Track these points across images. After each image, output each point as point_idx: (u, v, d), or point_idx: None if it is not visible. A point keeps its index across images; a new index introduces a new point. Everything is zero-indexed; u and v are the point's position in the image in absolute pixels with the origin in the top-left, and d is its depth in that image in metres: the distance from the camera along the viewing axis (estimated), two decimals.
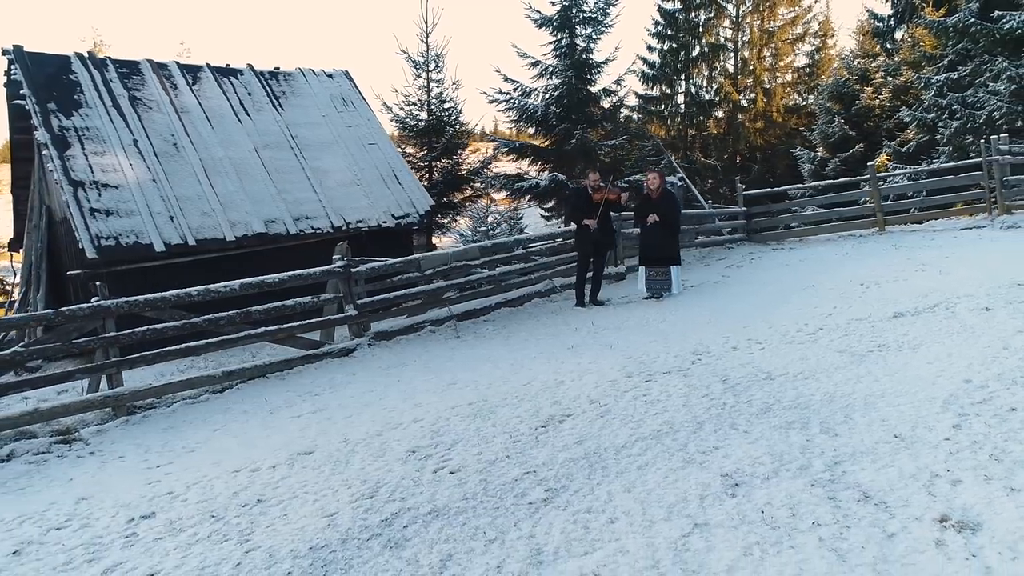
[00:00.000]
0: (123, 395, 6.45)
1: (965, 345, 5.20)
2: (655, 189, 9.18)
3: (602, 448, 4.13)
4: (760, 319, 6.92)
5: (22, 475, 5.19)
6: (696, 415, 4.46)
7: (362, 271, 8.31)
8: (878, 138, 25.67)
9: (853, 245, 12.34)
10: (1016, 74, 17.99)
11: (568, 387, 5.27)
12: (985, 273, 7.53)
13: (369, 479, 4.03)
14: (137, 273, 9.75)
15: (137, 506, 4.04)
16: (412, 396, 5.73)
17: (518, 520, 3.50)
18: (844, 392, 4.59)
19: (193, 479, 4.36)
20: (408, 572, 3.16)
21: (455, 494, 3.78)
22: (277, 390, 6.86)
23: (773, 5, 28.02)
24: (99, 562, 3.44)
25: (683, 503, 3.46)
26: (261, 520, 3.71)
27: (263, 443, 5.02)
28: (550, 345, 7.10)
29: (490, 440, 4.41)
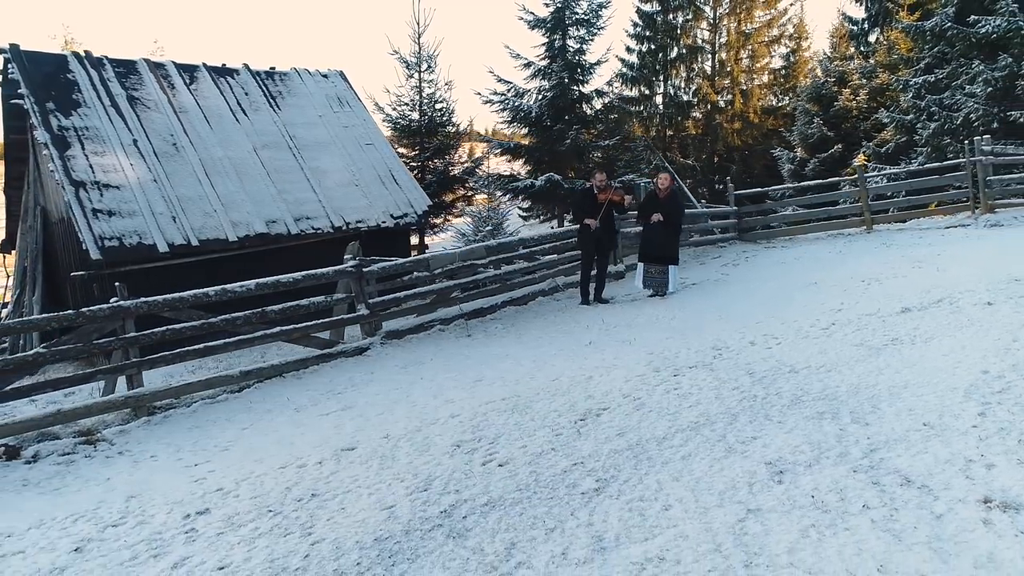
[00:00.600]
0: (144, 395, 6.45)
1: (975, 338, 5.43)
2: (664, 189, 9.37)
3: (644, 440, 4.27)
4: (770, 315, 7.12)
5: (54, 475, 5.19)
6: (729, 407, 4.62)
7: (374, 270, 8.37)
8: (856, 139, 26.23)
9: (844, 243, 12.65)
10: (992, 77, 18.51)
11: (598, 382, 5.40)
12: (981, 270, 7.81)
13: (420, 473, 4.12)
14: (140, 274, 9.68)
15: (190, 503, 4.08)
16: (441, 393, 5.82)
17: (574, 509, 3.61)
18: (868, 384, 4.78)
19: (240, 476, 4.41)
20: (475, 560, 3.26)
21: (508, 485, 3.88)
22: (297, 389, 6.90)
23: (750, 8, 28.50)
24: (165, 557, 3.49)
25: (732, 490, 3.60)
26: (320, 513, 3.78)
27: (301, 440, 5.08)
28: (567, 342, 7.23)
29: (532, 434, 4.53)
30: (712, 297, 8.86)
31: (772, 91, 30.99)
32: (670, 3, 25.51)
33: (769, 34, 29.85)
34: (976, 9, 19.97)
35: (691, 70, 28.18)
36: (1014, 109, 17.96)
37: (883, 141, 24.33)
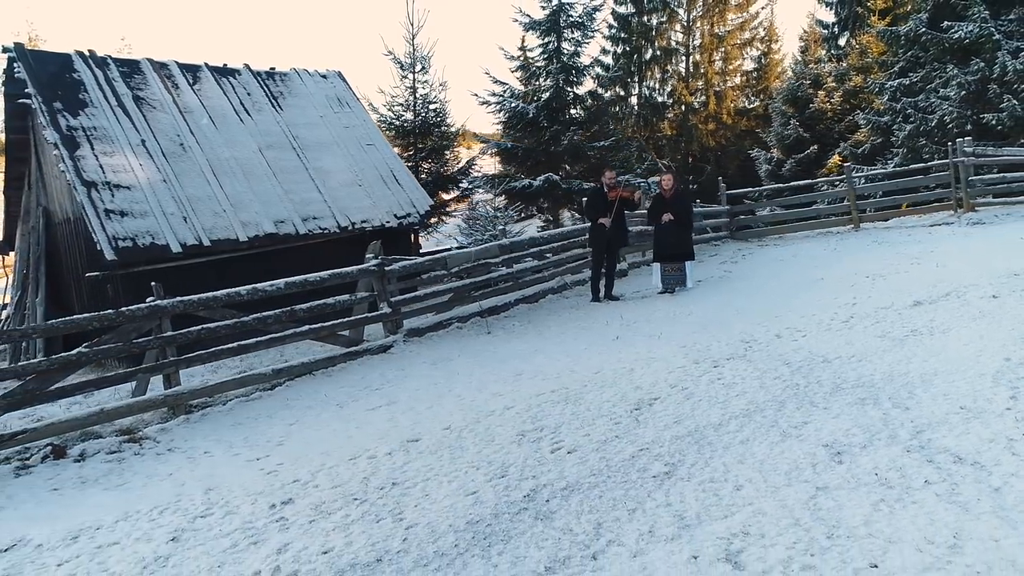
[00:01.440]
0: (182, 394, 6.51)
1: (991, 329, 5.77)
2: (668, 189, 9.65)
3: (701, 426, 4.50)
4: (787, 310, 7.42)
5: (109, 472, 5.25)
6: (775, 395, 4.88)
7: (395, 269, 8.50)
8: (831, 140, 26.95)
9: (836, 241, 13.09)
10: (965, 81, 19.19)
11: (640, 374, 5.63)
12: (979, 265, 8.22)
13: (493, 461, 4.30)
14: (152, 275, 9.62)
15: (271, 493, 4.20)
16: (484, 387, 5.99)
17: (650, 491, 3.82)
18: (900, 372, 5.08)
19: (313, 468, 4.53)
20: (567, 540, 3.45)
21: (582, 471, 4.08)
22: (330, 386, 7.01)
23: (723, 11, 29.07)
24: (265, 544, 3.62)
25: (797, 471, 3.84)
26: (406, 500, 3.94)
27: (359, 434, 5.21)
28: (592, 337, 7.45)
29: (591, 423, 4.73)
30: (722, 294, 9.15)
31: (744, 93, 31.65)
32: (644, 5, 25.91)
33: (741, 37, 30.49)
34: (949, 15, 20.68)
35: (665, 72, 28.66)
36: (987, 112, 18.66)
37: (859, 142, 25.02)
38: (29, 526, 4.11)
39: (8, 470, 5.38)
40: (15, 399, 5.58)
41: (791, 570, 3.01)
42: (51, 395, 5.82)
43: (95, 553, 3.68)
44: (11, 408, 5.62)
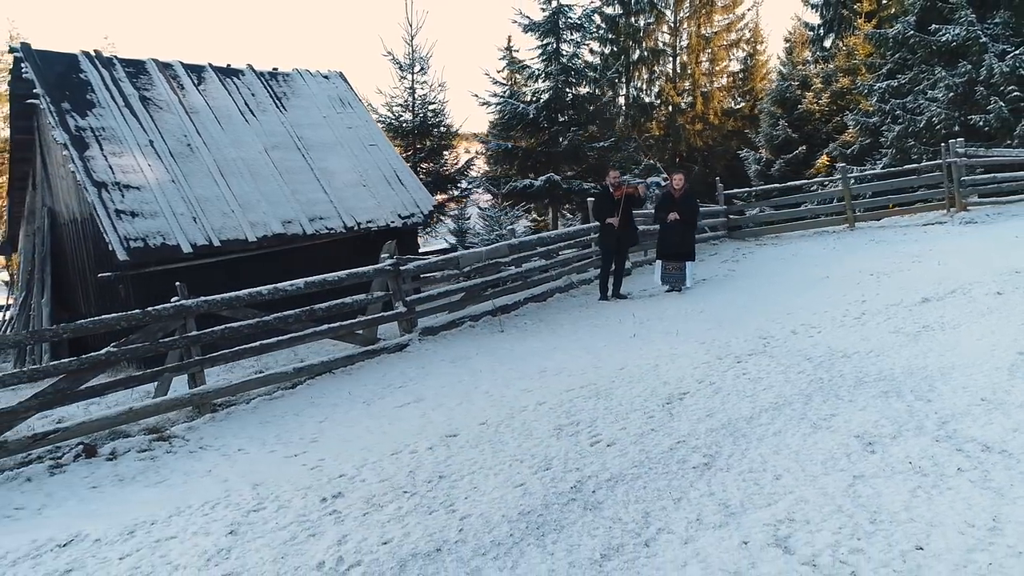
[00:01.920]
0: (207, 393, 6.57)
1: (1000, 324, 5.98)
2: (678, 189, 9.83)
3: (733, 419, 4.65)
4: (798, 307, 7.60)
5: (146, 470, 5.32)
6: (801, 389, 5.04)
7: (410, 268, 8.59)
8: (818, 140, 27.34)
9: (833, 240, 13.34)
10: (953, 83, 19.56)
11: (666, 369, 5.77)
12: (979, 263, 8.45)
13: (536, 454, 4.42)
14: (163, 275, 9.68)
15: (319, 488, 4.29)
16: (510, 383, 6.11)
17: (692, 481, 3.96)
18: (918, 366, 5.26)
19: (356, 463, 4.63)
20: (618, 528, 3.58)
21: (623, 463, 4.21)
22: (352, 384, 7.10)
23: (710, 12, 29.40)
24: (323, 536, 3.71)
25: (832, 460, 4.00)
26: (455, 493, 4.05)
27: (394, 430, 5.31)
28: (609, 335, 7.59)
29: (625, 416, 4.87)
30: (730, 292, 9.33)
31: (731, 94, 32.04)
32: (632, 6, 26.13)
33: (728, 38, 30.86)
34: (936, 18, 21.07)
35: (653, 72, 28.92)
36: (974, 114, 19.05)
37: (847, 143, 25.40)
38: (81, 522, 4.18)
39: (42, 469, 5.41)
40: (47, 398, 5.62)
41: (840, 553, 3.16)
42: (81, 395, 5.87)
43: (155, 546, 3.75)
44: (43, 407, 5.66)
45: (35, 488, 5.10)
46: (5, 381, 5.38)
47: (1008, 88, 18.49)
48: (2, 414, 5.31)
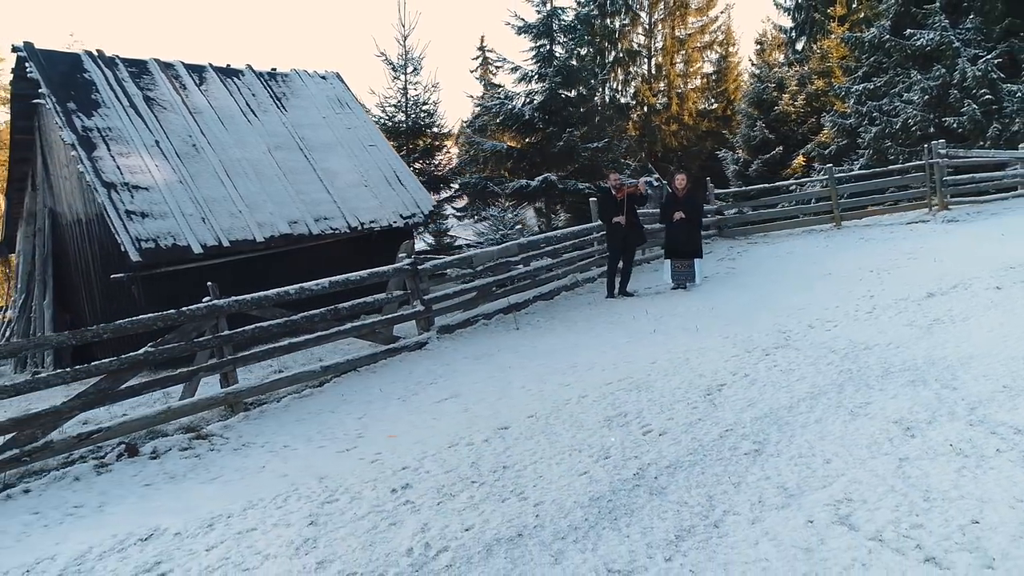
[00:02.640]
0: (241, 392, 6.64)
1: (1007, 316, 6.31)
2: (681, 189, 10.10)
3: (775, 409, 4.88)
4: (808, 303, 7.89)
5: (195, 467, 5.38)
6: (832, 379, 5.30)
7: (427, 268, 8.71)
8: (795, 141, 28.01)
9: (824, 239, 13.73)
10: (928, 86, 20.23)
11: (697, 363, 6.00)
12: (973, 259, 8.84)
13: (592, 444, 4.60)
14: (171, 276, 9.67)
15: (385, 480, 4.42)
16: (545, 378, 6.28)
17: (746, 467, 4.18)
18: (938, 356, 5.56)
19: (415, 455, 4.76)
20: (685, 511, 3.78)
21: (678, 450, 4.42)
22: (380, 381, 7.20)
23: (684, 14, 29.93)
24: (403, 524, 3.85)
25: (876, 445, 4.25)
26: (522, 481, 4.21)
27: (441, 424, 5.45)
28: (628, 331, 7.80)
29: (670, 407, 5.07)
30: (735, 289, 9.61)
31: (704, 95, 32.66)
32: (607, 8, 26.48)
33: (702, 40, 31.44)
34: (910, 23, 21.75)
35: (628, 73, 29.32)
36: (948, 116, 19.71)
37: (824, 143, 26.06)
38: (153, 517, 4.26)
39: (88, 468, 5.45)
40: (90, 398, 5.65)
41: (901, 528, 3.39)
42: (121, 394, 5.90)
43: (239, 538, 3.85)
44: (86, 407, 5.69)
45: (85, 487, 5.15)
46: (50, 381, 5.40)
47: (980, 91, 19.17)
48: (48, 414, 5.33)
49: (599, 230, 11.82)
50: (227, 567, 3.57)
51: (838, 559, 3.23)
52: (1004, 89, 18.65)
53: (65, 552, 3.84)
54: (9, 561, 3.82)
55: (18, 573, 3.67)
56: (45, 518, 4.55)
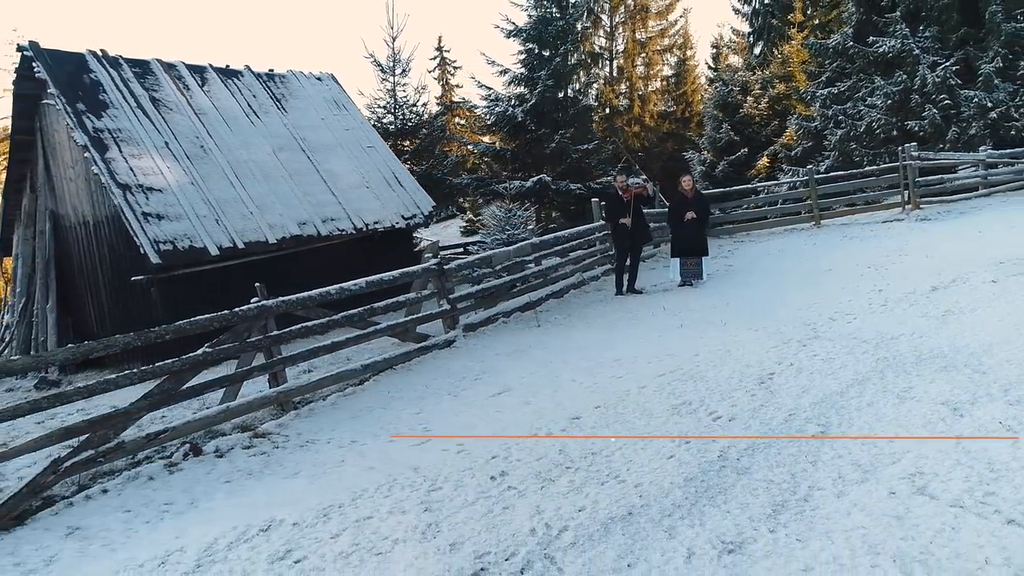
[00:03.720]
0: (291, 391, 6.75)
1: (1011, 307, 6.83)
2: (689, 191, 10.52)
3: (828, 395, 5.26)
4: (820, 297, 8.34)
5: (267, 464, 5.50)
6: (871, 366, 5.71)
7: (452, 268, 8.91)
8: (759, 143, 28.99)
9: (807, 237, 14.36)
10: (890, 91, 21.21)
11: (740, 354, 6.36)
12: (962, 255, 9.43)
13: (668, 430, 4.90)
14: (187, 278, 9.63)
15: (481, 469, 4.64)
16: (593, 372, 6.56)
17: (817, 447, 4.53)
18: (961, 344, 6.02)
19: (500, 445, 4.98)
20: (774, 487, 4.10)
21: (751, 434, 4.75)
22: (420, 379, 7.38)
23: (644, 18, 30.67)
24: (515, 507, 4.08)
25: (931, 424, 4.64)
26: (614, 465, 4.48)
27: (507, 416, 5.67)
28: (653, 326, 8.14)
29: (729, 395, 5.41)
30: (742, 286, 10.04)
31: (664, 97, 33.50)
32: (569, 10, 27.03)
33: (662, 43, 32.25)
34: (871, 31, 22.77)
35: (590, 75, 29.96)
36: (910, 119, 20.72)
37: (789, 145, 27.03)
38: (261, 511, 4.39)
39: (158, 468, 5.52)
40: (155, 399, 5.70)
41: (977, 496, 3.78)
42: (184, 394, 5.96)
43: (359, 525, 4.03)
44: (153, 408, 5.74)
45: (163, 485, 5.22)
46: (120, 383, 5.44)
47: (939, 97, 20.20)
48: (119, 415, 5.38)
49: (601, 229, 12.18)
50: (360, 552, 3.75)
51: (928, 524, 3.59)
52: (962, 95, 19.70)
53: (191, 544, 3.96)
54: (138, 554, 3.92)
55: (154, 564, 3.78)
56: (141, 516, 4.63)
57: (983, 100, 19.35)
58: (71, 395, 5.14)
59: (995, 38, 19.92)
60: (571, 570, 3.47)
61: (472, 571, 3.48)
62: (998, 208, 14.33)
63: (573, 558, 3.57)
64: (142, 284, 9.24)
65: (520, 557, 3.58)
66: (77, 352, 5.21)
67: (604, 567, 3.47)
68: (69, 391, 5.15)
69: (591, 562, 3.52)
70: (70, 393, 5.15)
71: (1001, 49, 19.69)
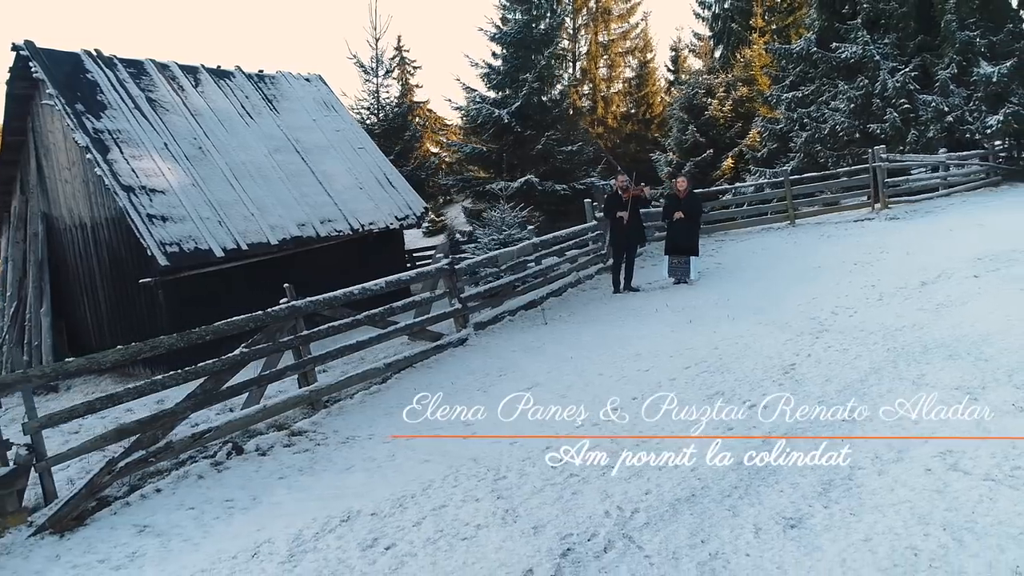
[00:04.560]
0: (321, 390, 6.87)
1: (997, 300, 7.31)
2: (682, 191, 10.90)
3: (849, 383, 5.61)
4: (817, 293, 8.74)
5: (315, 461, 5.63)
6: (883, 356, 6.10)
7: (463, 267, 9.09)
8: (723, 144, 29.85)
9: (786, 236, 14.93)
10: (853, 95, 22.09)
11: (758, 347, 6.70)
12: (941, 253, 9.97)
13: (709, 419, 5.20)
14: (190, 280, 9.59)
15: (538, 457, 4.86)
16: (617, 365, 6.83)
17: (849, 430, 4.88)
18: (960, 335, 6.46)
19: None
20: (819, 469, 4.44)
21: (788, 420, 5.08)
22: (444, 376, 7.56)
23: (607, 20, 31.29)
24: (583, 494, 4.30)
25: (950, 407, 4.99)
26: (676, 443, 4.76)
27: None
28: (662, 322, 8.45)
29: (759, 384, 5.74)
30: (735, 283, 10.43)
31: (626, 99, 34.20)
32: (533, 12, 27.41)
33: (624, 46, 32.95)
34: (833, 37, 23.67)
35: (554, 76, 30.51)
36: (872, 122, 21.62)
37: (753, 147, 27.90)
38: (331, 504, 4.53)
39: (205, 467, 5.59)
40: (198, 399, 5.76)
41: (1005, 469, 4.16)
42: (224, 394, 6.03)
43: (438, 513, 4.22)
44: (196, 408, 5.80)
45: (216, 483, 5.31)
46: (166, 383, 5.50)
47: (899, 101, 21.13)
48: (167, 416, 5.44)
49: (594, 229, 12.50)
50: (446, 537, 3.94)
51: (967, 496, 3.95)
52: (920, 99, 20.66)
53: (277, 536, 4.09)
54: (227, 547, 4.03)
55: (247, 556, 3.90)
56: (207, 512, 4.73)
57: (940, 104, 20.31)
58: (122, 396, 5.19)
59: (950, 46, 20.91)
60: (650, 547, 3.73)
61: (560, 551, 3.71)
62: (960, 208, 15.13)
63: (650, 536, 3.82)
64: (148, 286, 9.16)
65: (601, 537, 3.83)
66: (127, 353, 5.25)
67: (680, 544, 3.73)
68: (120, 392, 5.20)
69: (667, 540, 3.78)
70: (121, 394, 5.20)
71: (955, 56, 20.69)
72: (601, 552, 3.71)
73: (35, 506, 4.79)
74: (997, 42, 20.51)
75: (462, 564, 3.64)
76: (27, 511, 4.67)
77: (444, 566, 3.64)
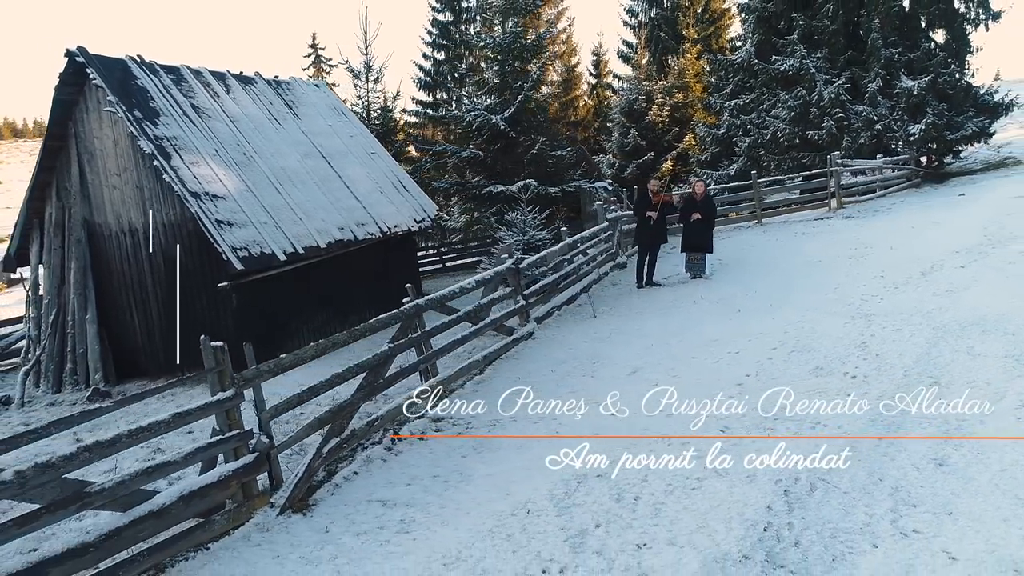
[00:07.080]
0: (445, 380, 7.48)
1: (993, 286, 8.70)
2: (700, 194, 12.03)
3: (919, 356, 6.76)
4: (835, 283, 9.94)
5: (479, 442, 6.26)
6: (933, 334, 7.29)
7: (525, 267, 9.82)
8: (662, 147, 31.71)
9: (761, 234, 16.40)
10: (792, 104, 24.14)
11: (823, 330, 7.80)
12: (921, 247, 11.46)
13: (824, 389, 6.21)
14: (258, 283, 9.85)
15: (705, 433, 5.74)
16: (704, 350, 7.76)
17: (938, 392, 6.02)
18: (979, 316, 7.74)
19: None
20: (939, 419, 5.52)
21: (888, 385, 6.16)
22: (535, 365, 8.30)
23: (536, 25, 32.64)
24: (770, 452, 5.23)
25: (1009, 369, 6.25)
26: (823, 416, 5.73)
27: (679, 391, 6.74)
28: (709, 311, 9.48)
29: (848, 359, 6.82)
30: (750, 276, 11.56)
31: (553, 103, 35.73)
32: (462, 14, 28.19)
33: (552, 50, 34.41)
34: (770, 50, 25.73)
35: None
36: (810, 129, 23.74)
37: (693, 152, 29.82)
38: (557, 470, 5.23)
39: (381, 451, 6.14)
40: (365, 391, 6.28)
41: None
42: (382, 386, 6.55)
43: (653, 472, 5.02)
44: (365, 399, 6.30)
45: (402, 464, 5.89)
46: (345, 376, 6.00)
47: (834, 110, 23.30)
48: (348, 406, 5.95)
49: (606, 231, 13.48)
50: (676, 489, 4.75)
51: None
52: (852, 109, 22.88)
53: (535, 494, 4.77)
54: (497, 507, 4.67)
55: (522, 513, 4.57)
56: (431, 489, 5.30)
57: (869, 114, 22.58)
58: (319, 388, 5.68)
59: (875, 61, 23.23)
60: (843, 486, 4.67)
61: (782, 490, 4.60)
62: (903, 207, 17.01)
63: (837, 479, 4.77)
64: (219, 290, 9.34)
65: (803, 480, 4.74)
66: (318, 349, 5.73)
67: (863, 482, 4.69)
68: (317, 384, 5.67)
69: (853, 480, 4.74)
70: (317, 387, 5.68)
71: (880, 71, 23.03)
72: (807, 493, 4.62)
73: (262, 490, 5.21)
74: (914, 59, 22.98)
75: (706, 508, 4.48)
76: (267, 493, 5.11)
77: (688, 504, 4.46)
